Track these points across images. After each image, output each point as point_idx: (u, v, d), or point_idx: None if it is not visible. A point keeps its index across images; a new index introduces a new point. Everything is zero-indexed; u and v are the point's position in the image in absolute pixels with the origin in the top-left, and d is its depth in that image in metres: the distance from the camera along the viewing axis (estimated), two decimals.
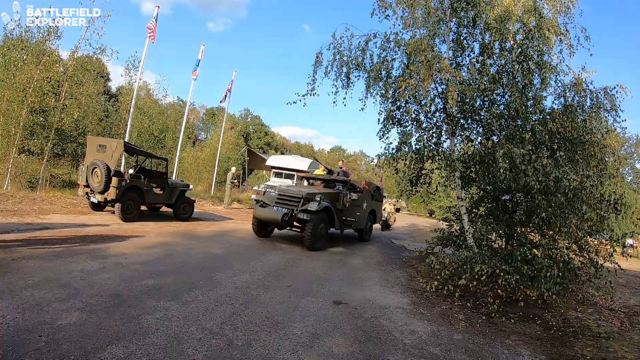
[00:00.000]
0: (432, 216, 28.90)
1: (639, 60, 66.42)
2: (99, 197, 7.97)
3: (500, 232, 5.86)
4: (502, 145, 5.29)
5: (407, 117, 6.27)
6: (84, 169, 8.36)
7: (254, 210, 8.09)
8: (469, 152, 6.37)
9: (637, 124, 59.46)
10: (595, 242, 5.67)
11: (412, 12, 6.27)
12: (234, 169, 15.18)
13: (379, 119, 6.32)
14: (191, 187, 10.31)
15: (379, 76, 5.99)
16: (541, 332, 4.32)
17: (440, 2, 6.49)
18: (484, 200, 6.79)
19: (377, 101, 6.49)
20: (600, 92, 5.96)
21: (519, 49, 5.75)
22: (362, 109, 6.41)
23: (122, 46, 73.53)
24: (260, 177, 27.19)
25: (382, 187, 11.77)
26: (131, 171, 8.78)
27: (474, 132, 6.38)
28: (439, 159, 6.59)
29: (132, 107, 12.73)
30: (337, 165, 10.45)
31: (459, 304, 4.98)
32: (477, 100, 5.84)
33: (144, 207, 9.05)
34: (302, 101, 6.25)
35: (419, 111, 6.02)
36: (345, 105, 6.84)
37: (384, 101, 6.27)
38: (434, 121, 6.51)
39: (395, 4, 6.28)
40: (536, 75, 5.78)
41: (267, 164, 17.55)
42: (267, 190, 8.47)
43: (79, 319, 3.05)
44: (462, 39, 6.47)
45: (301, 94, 6.23)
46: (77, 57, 13.12)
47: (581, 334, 4.33)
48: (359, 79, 6.41)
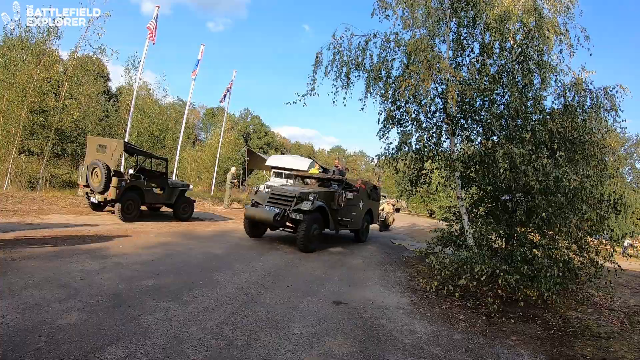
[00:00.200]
0: (432, 216, 28.90)
1: (638, 60, 66.47)
2: (99, 197, 7.97)
3: (500, 232, 5.86)
4: (502, 145, 5.29)
5: (407, 117, 6.27)
6: (83, 169, 8.36)
7: (245, 209, 7.88)
8: (469, 152, 6.36)
9: (637, 124, 59.51)
10: (595, 242, 5.66)
11: (412, 12, 6.28)
12: (233, 169, 15.18)
13: (378, 119, 6.33)
14: (191, 187, 10.31)
15: (379, 76, 5.98)
16: (541, 332, 4.32)
17: (440, 2, 6.49)
18: (484, 200, 6.78)
19: (377, 101, 6.50)
20: (600, 92, 5.97)
21: (519, 49, 5.75)
22: (362, 109, 6.41)
23: (122, 46, 73.61)
24: (260, 177, 27.20)
25: (379, 187, 11.54)
26: (131, 171, 8.77)
27: (474, 132, 6.38)
28: (439, 159, 6.60)
29: (132, 107, 12.72)
30: (334, 164, 10.22)
31: (459, 304, 4.97)
32: (477, 100, 5.84)
33: (144, 207, 9.05)
34: (302, 101, 6.25)
35: (419, 111, 6.02)
36: (345, 105, 6.85)
37: (384, 101, 6.27)
38: (434, 121, 6.51)
39: (395, 4, 6.28)
40: (536, 75, 5.78)
41: (267, 164, 17.56)
42: (260, 189, 8.28)
43: (79, 319, 3.05)
44: (462, 39, 6.47)
45: (301, 94, 6.24)
46: (77, 57, 13.13)
47: (581, 334, 4.33)
48: (358, 79, 6.42)
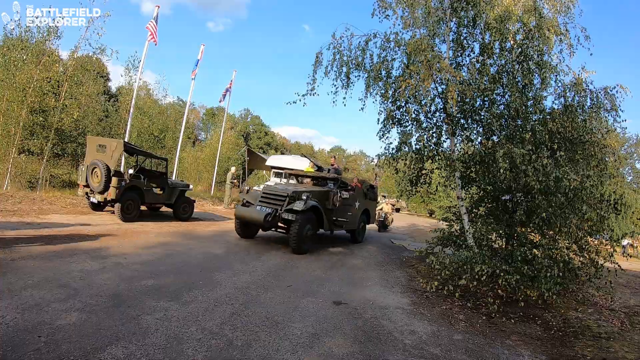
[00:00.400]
0: (432, 216, 28.89)
1: (639, 59, 66.48)
2: (99, 197, 7.96)
3: (500, 232, 5.86)
4: (502, 145, 5.29)
5: (407, 117, 6.26)
6: (83, 169, 8.36)
7: (235, 209, 7.65)
8: (469, 152, 6.36)
9: (637, 124, 59.53)
10: (595, 242, 5.66)
11: (412, 12, 6.27)
12: (233, 168, 15.17)
13: (378, 119, 6.33)
14: (191, 187, 10.31)
15: (379, 76, 5.98)
16: (541, 332, 4.32)
17: (440, 2, 6.48)
18: (484, 200, 6.78)
19: (377, 101, 6.50)
20: (600, 92, 5.96)
21: (519, 49, 5.75)
22: (362, 109, 6.41)
23: (122, 46, 73.60)
24: (260, 177, 27.20)
25: (376, 186, 11.18)
26: (131, 171, 8.77)
27: (474, 132, 6.37)
28: (439, 159, 6.59)
29: (132, 107, 12.71)
30: (330, 162, 9.93)
31: (459, 304, 4.97)
32: (477, 100, 5.83)
33: (143, 207, 9.04)
34: (302, 101, 6.25)
35: (419, 111, 6.02)
36: (345, 105, 6.85)
37: (384, 101, 6.27)
38: (434, 121, 6.51)
39: (395, 4, 6.28)
40: (536, 75, 5.77)
41: (267, 164, 17.54)
42: (252, 188, 8.08)
43: (79, 319, 3.05)
44: (462, 38, 6.47)
45: (301, 94, 6.24)
46: (77, 57, 13.13)
47: (581, 334, 4.32)
48: (358, 79, 6.42)
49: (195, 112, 46.19)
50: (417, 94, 5.42)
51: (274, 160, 17.28)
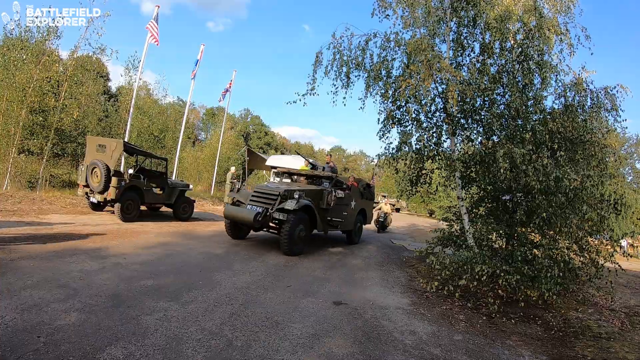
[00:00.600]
0: (432, 216, 28.92)
1: (639, 59, 66.47)
2: (99, 197, 7.96)
3: (500, 232, 5.85)
4: (502, 145, 5.28)
5: (407, 117, 6.25)
6: (83, 169, 8.35)
7: (224, 208, 7.28)
8: (469, 152, 6.35)
9: (638, 124, 59.51)
10: (595, 242, 5.65)
11: (412, 11, 6.26)
12: (233, 168, 15.17)
13: (379, 119, 6.32)
14: (191, 187, 10.30)
15: (379, 76, 5.98)
16: (542, 332, 4.31)
17: (440, 1, 6.48)
18: (484, 200, 6.77)
19: (377, 101, 6.50)
20: (600, 92, 5.96)
21: (519, 49, 5.74)
22: (361, 108, 6.41)
23: (122, 46, 73.45)
24: (260, 177, 27.20)
25: (373, 185, 10.85)
26: (131, 171, 8.76)
27: (474, 131, 6.37)
28: (439, 159, 6.59)
29: (132, 107, 12.71)
30: (325, 160, 9.58)
31: (460, 304, 4.96)
32: (477, 100, 5.83)
33: (143, 207, 9.04)
34: (302, 101, 6.25)
35: (419, 111, 6.01)
36: (345, 105, 6.85)
37: (384, 101, 6.26)
38: (434, 121, 6.50)
39: (395, 4, 6.27)
40: (536, 74, 5.77)
41: (267, 164, 17.53)
42: (242, 187, 7.77)
43: (78, 319, 3.04)
44: (463, 38, 6.47)
45: (301, 94, 6.24)
46: (76, 57, 13.11)
47: (582, 334, 4.32)
48: (358, 79, 6.42)
49: (195, 112, 46.21)
50: (417, 93, 5.42)
51: (273, 160, 17.27)
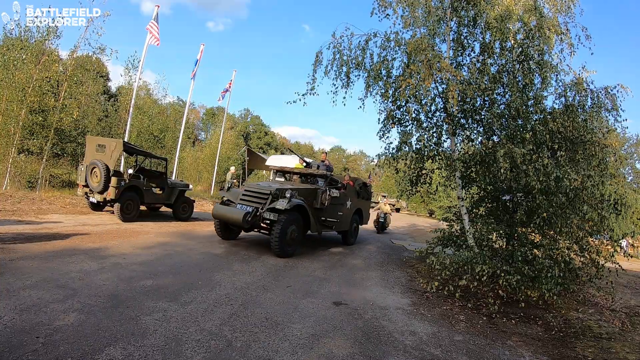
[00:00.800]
0: (432, 216, 28.93)
1: (639, 59, 66.46)
2: (98, 197, 7.95)
3: (500, 232, 5.84)
4: (502, 145, 5.27)
5: (407, 117, 6.25)
6: (83, 169, 8.34)
7: (213, 208, 7.02)
8: (469, 152, 6.35)
9: (638, 124, 59.51)
10: (596, 243, 5.65)
11: (412, 11, 6.25)
12: (233, 168, 15.18)
13: (379, 119, 6.33)
14: (191, 187, 10.29)
15: (379, 75, 5.97)
16: (542, 332, 4.30)
17: (440, 1, 6.48)
18: (484, 200, 6.76)
19: (377, 101, 6.50)
20: (601, 92, 5.95)
21: (520, 49, 5.73)
22: (361, 107, 6.41)
23: (122, 46, 73.47)
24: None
25: (369, 184, 10.58)
26: (130, 171, 8.75)
27: (475, 131, 6.36)
28: (439, 159, 6.58)
29: (132, 106, 12.70)
30: (321, 158, 9.35)
31: (460, 304, 4.95)
32: (477, 99, 5.82)
33: (143, 207, 9.02)
34: (302, 100, 6.25)
35: (420, 111, 6.01)
36: (345, 104, 6.85)
37: (384, 101, 6.26)
38: (435, 121, 6.50)
39: (395, 3, 6.26)
40: (537, 74, 5.76)
41: (267, 164, 17.53)
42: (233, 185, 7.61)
43: (77, 320, 3.03)
44: (463, 38, 6.46)
45: (301, 94, 6.24)
46: (76, 57, 13.11)
47: (582, 334, 4.30)
48: (358, 79, 6.42)
49: (195, 112, 46.21)
50: (417, 93, 5.41)
51: (273, 160, 17.27)
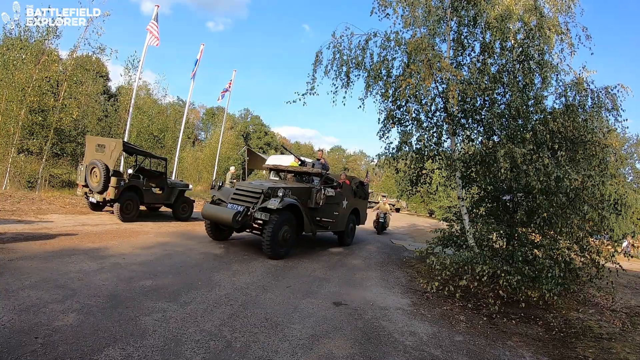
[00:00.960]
0: (432, 216, 28.93)
1: (639, 59, 66.47)
2: (98, 197, 7.94)
3: (501, 232, 5.83)
4: (503, 144, 5.26)
5: (407, 117, 6.24)
6: (82, 169, 8.33)
7: (202, 208, 6.80)
8: (469, 152, 6.34)
9: (637, 124, 59.54)
10: (596, 243, 5.64)
11: (412, 10, 6.24)
12: (233, 168, 15.15)
13: (379, 119, 6.32)
14: (190, 187, 10.28)
15: (379, 75, 5.96)
16: (543, 333, 4.29)
17: (440, 1, 6.46)
18: (484, 200, 6.76)
19: (377, 100, 6.49)
20: (601, 92, 5.94)
21: (520, 48, 5.72)
22: (361, 107, 6.40)
23: (122, 46, 73.48)
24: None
25: (366, 183, 10.32)
26: (130, 171, 8.74)
27: (475, 131, 6.35)
28: (439, 159, 6.57)
29: (132, 106, 12.69)
30: (317, 156, 9.13)
31: (460, 304, 4.94)
32: (477, 99, 5.81)
33: (143, 207, 9.01)
34: (302, 100, 6.24)
35: (420, 110, 6.00)
36: (344, 104, 6.84)
37: (384, 100, 6.25)
38: (435, 120, 6.48)
39: (395, 3, 6.24)
40: (537, 74, 5.75)
41: (267, 164, 17.50)
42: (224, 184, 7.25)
43: (76, 320, 3.01)
44: (463, 38, 6.45)
45: (301, 93, 6.23)
46: (76, 57, 13.10)
47: (583, 335, 4.30)
48: (358, 78, 6.41)
49: (195, 112, 46.20)
50: (417, 93, 5.40)
51: (273, 160, 17.24)
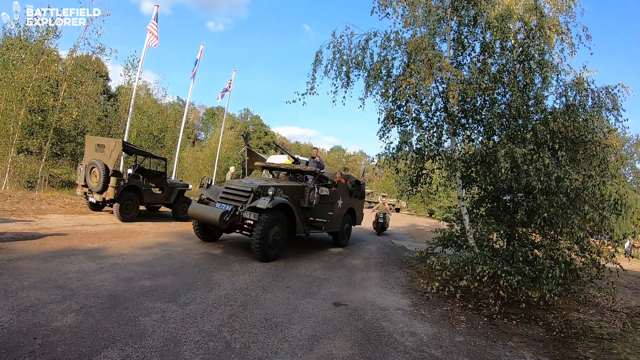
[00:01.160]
0: (432, 216, 28.93)
1: (639, 59, 66.50)
2: (98, 197, 7.93)
3: (501, 232, 5.82)
4: (503, 144, 5.25)
5: (407, 117, 6.23)
6: (82, 169, 8.32)
7: (189, 207, 6.49)
8: (470, 152, 6.33)
9: (638, 124, 59.57)
10: (596, 243, 5.63)
11: (412, 10, 6.23)
12: (232, 168, 15.12)
13: (379, 119, 6.31)
14: (190, 187, 10.27)
15: (379, 75, 5.95)
16: (543, 333, 4.28)
17: (440, 0, 6.45)
18: (485, 200, 6.74)
19: (377, 100, 6.48)
20: (602, 92, 5.92)
21: (520, 48, 5.71)
22: (361, 107, 6.39)
23: (122, 46, 73.46)
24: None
25: (363, 182, 10.04)
26: (130, 171, 8.73)
27: (475, 131, 6.34)
28: (439, 159, 6.56)
29: (132, 106, 12.66)
30: (312, 154, 8.80)
31: (460, 305, 4.93)
32: (478, 99, 5.80)
33: (142, 207, 9.00)
34: (301, 100, 6.23)
35: (420, 110, 5.98)
36: (344, 104, 6.84)
37: (384, 100, 6.24)
38: (435, 120, 6.47)
39: (395, 2, 6.23)
40: (537, 74, 5.74)
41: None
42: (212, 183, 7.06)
43: (75, 320, 3.00)
44: (463, 37, 6.44)
45: (301, 93, 6.21)
46: (75, 57, 13.09)
47: (583, 335, 4.29)
48: (358, 78, 6.40)
49: (195, 112, 46.21)
50: (417, 93, 5.39)
51: (273, 160, 17.22)
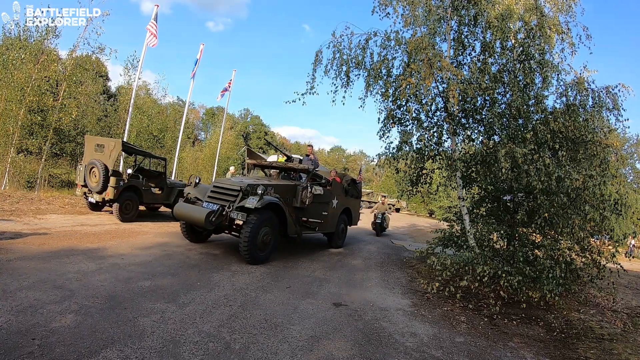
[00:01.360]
0: (432, 216, 28.94)
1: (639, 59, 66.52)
2: (97, 197, 7.92)
3: (501, 232, 5.81)
4: (503, 144, 5.24)
5: (407, 116, 6.21)
6: (82, 169, 8.31)
7: (175, 207, 6.18)
8: (470, 152, 6.31)
9: (638, 124, 59.59)
10: (597, 243, 5.61)
11: (412, 10, 6.22)
12: (232, 168, 15.12)
13: (379, 118, 6.30)
14: None
15: (379, 75, 5.94)
16: (544, 334, 4.27)
17: (441, 0, 6.44)
18: (485, 200, 6.73)
19: (377, 100, 6.47)
20: (602, 92, 5.91)
21: (520, 48, 5.70)
22: (361, 107, 6.38)
23: (122, 46, 73.40)
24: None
25: (359, 181, 9.67)
26: (129, 171, 8.72)
27: (475, 131, 6.32)
28: (440, 159, 6.55)
29: (131, 106, 12.65)
30: (307, 151, 8.53)
31: (461, 305, 4.92)
32: (478, 99, 5.78)
33: (142, 207, 8.99)
34: (301, 100, 6.21)
35: (420, 110, 5.97)
36: (344, 104, 6.82)
37: (384, 100, 6.23)
38: (435, 120, 6.46)
39: (395, 2, 6.23)
40: (538, 74, 5.73)
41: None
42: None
43: (74, 321, 2.99)
44: (463, 37, 6.42)
45: (300, 93, 6.20)
46: (75, 57, 13.09)
47: (584, 335, 4.27)
48: (358, 78, 6.38)
49: (194, 111, 46.22)
50: (417, 92, 5.37)
51: (273, 160, 17.20)
